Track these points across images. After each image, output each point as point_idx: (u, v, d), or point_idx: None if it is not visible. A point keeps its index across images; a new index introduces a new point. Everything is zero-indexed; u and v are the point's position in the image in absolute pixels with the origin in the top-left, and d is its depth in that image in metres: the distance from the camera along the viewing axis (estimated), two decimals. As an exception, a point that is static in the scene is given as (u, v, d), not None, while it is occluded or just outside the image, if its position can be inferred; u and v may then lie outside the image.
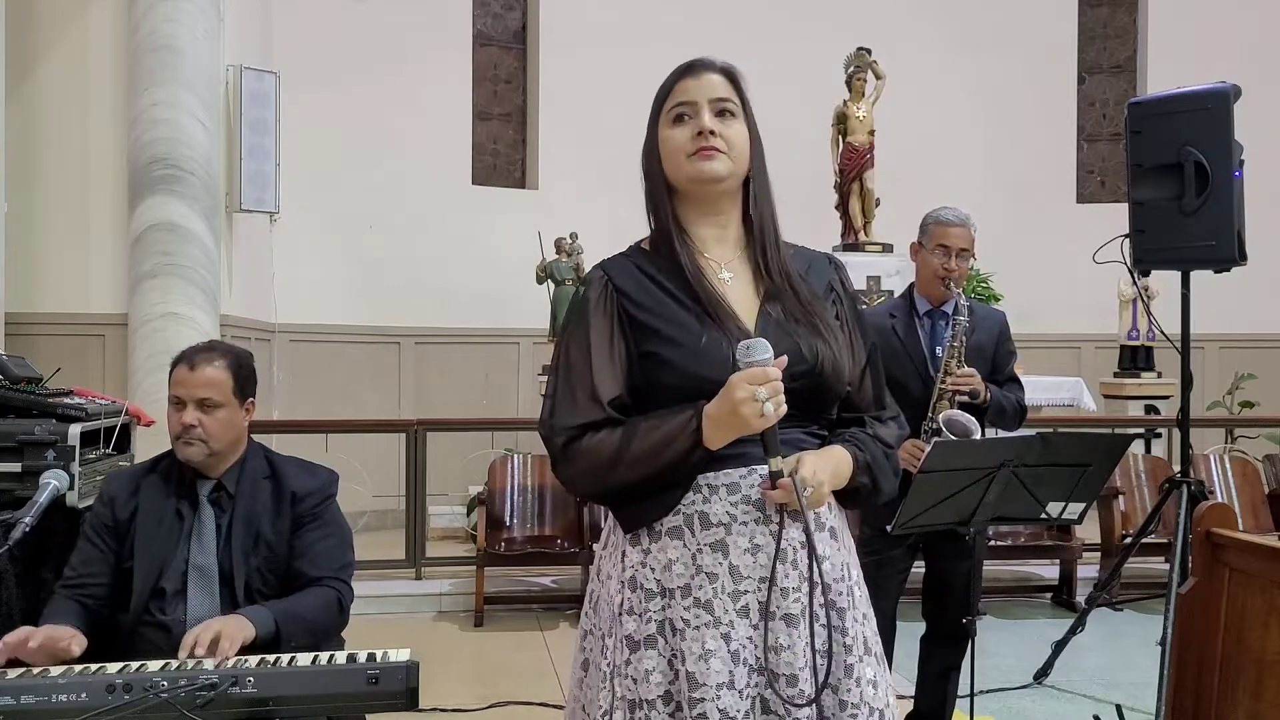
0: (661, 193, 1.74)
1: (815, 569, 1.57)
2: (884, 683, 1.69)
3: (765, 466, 1.60)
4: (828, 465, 1.64)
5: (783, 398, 1.55)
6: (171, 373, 2.53)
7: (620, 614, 1.65)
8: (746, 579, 1.61)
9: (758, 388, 1.53)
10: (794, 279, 1.73)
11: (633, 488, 1.63)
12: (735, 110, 1.72)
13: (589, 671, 1.73)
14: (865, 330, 1.81)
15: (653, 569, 1.64)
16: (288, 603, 2.42)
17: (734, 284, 1.72)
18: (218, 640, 2.15)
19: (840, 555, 1.70)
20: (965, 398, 3.16)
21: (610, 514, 1.73)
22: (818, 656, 1.57)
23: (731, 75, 1.74)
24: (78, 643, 2.23)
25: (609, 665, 1.65)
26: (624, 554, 1.68)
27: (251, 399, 2.58)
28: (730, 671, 1.58)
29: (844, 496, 1.73)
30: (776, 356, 1.57)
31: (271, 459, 2.60)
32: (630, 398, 1.66)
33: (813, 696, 1.57)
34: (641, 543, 1.66)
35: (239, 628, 2.22)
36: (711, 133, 1.68)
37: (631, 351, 1.67)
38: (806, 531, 1.58)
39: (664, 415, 1.61)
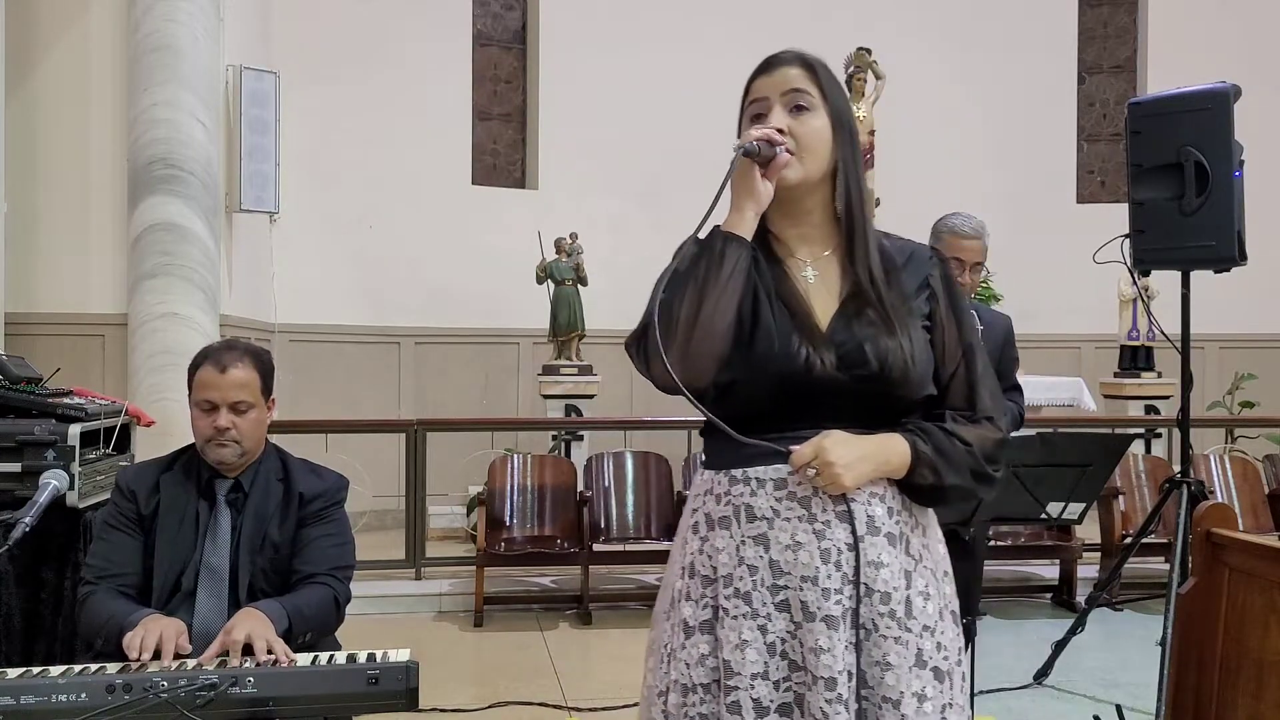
0: None
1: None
2: (940, 700, 1.61)
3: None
4: (856, 449, 1.57)
5: (769, 132, 1.58)
6: (194, 375, 2.49)
7: (679, 599, 1.67)
8: (786, 574, 1.60)
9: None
10: (877, 277, 1.66)
11: (702, 318, 1.55)
12: (811, 103, 1.64)
13: (652, 654, 1.74)
14: (964, 328, 1.72)
15: (709, 556, 1.66)
16: (294, 599, 2.42)
17: (817, 283, 1.67)
18: (249, 644, 2.14)
19: (899, 562, 1.62)
20: None
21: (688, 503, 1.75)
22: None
23: (809, 66, 1.66)
24: (185, 637, 2.21)
25: (666, 649, 1.68)
26: (685, 540, 1.70)
27: (273, 396, 2.59)
28: (765, 663, 1.59)
29: (910, 492, 1.66)
30: (841, 354, 1.59)
31: (286, 460, 2.61)
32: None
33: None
34: (700, 530, 1.68)
35: (265, 625, 2.21)
36: (781, 130, 1.61)
37: (744, 319, 1.61)
38: (855, 522, 1.58)
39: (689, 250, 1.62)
